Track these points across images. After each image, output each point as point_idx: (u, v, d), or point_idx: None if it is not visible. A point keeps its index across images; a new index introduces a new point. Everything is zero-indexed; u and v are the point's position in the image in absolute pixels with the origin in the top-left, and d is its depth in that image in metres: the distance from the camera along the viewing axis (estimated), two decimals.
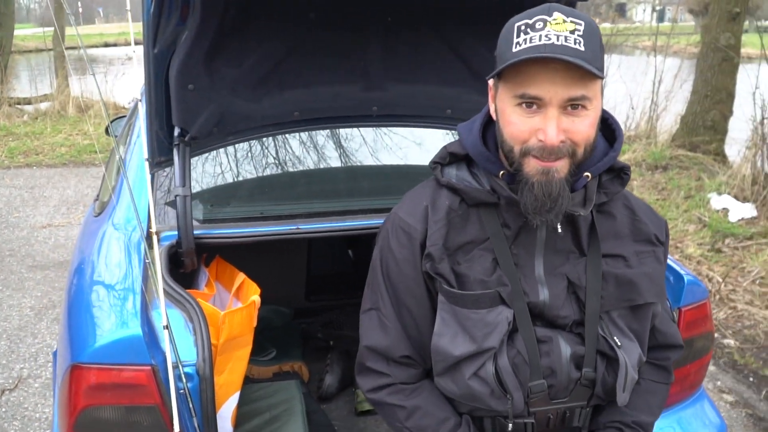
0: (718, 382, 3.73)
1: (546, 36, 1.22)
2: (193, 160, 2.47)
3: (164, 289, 1.76)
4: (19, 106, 11.65)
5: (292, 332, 2.87)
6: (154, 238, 1.81)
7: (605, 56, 1.33)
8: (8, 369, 3.80)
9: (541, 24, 1.23)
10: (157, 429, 1.60)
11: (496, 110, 1.35)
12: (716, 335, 4.12)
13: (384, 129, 2.79)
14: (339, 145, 2.84)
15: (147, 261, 1.76)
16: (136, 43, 1.98)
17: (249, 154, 2.67)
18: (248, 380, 2.55)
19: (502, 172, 1.36)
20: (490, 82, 1.38)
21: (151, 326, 1.68)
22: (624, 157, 7.96)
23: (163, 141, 2.06)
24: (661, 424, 2.02)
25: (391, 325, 1.44)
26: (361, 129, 2.77)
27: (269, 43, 2.07)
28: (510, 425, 1.40)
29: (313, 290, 3.22)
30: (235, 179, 2.61)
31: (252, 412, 2.21)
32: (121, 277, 1.87)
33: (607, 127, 1.44)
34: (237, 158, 2.64)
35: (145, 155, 2.00)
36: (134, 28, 1.99)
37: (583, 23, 1.24)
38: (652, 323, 1.49)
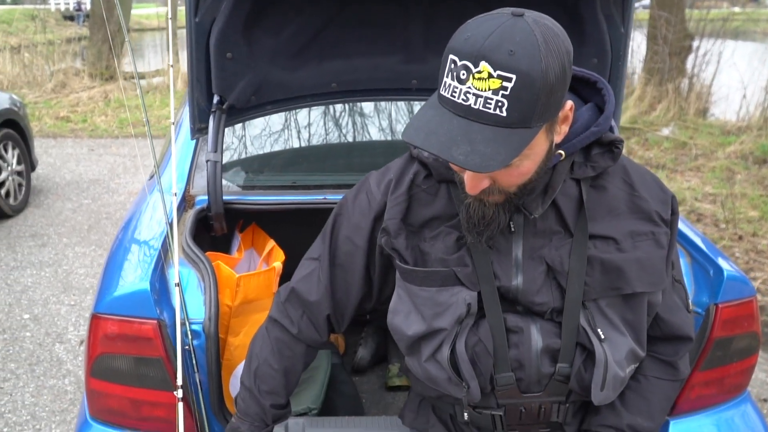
0: None
1: (464, 95, 1.05)
2: (233, 128, 2.52)
3: (183, 250, 1.82)
4: (133, 80, 12.35)
5: None
6: (173, 199, 1.87)
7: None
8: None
9: (465, 74, 1.04)
10: (162, 380, 1.66)
11: None
12: None
13: (422, 102, 2.73)
14: (376, 118, 2.81)
15: (167, 222, 1.82)
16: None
17: (286, 124, 2.69)
18: None
19: None
20: None
21: (165, 283, 1.74)
22: (729, 149, 7.46)
23: (203, 108, 2.11)
24: (695, 426, 1.90)
25: (323, 281, 1.45)
26: (399, 102, 2.73)
27: (308, 13, 2.06)
28: (466, 414, 1.34)
29: None
30: (273, 148, 2.64)
31: None
32: (149, 237, 1.95)
33: (598, 92, 1.27)
34: (275, 127, 2.67)
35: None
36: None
37: (513, 78, 1.01)
38: (655, 312, 1.36)
